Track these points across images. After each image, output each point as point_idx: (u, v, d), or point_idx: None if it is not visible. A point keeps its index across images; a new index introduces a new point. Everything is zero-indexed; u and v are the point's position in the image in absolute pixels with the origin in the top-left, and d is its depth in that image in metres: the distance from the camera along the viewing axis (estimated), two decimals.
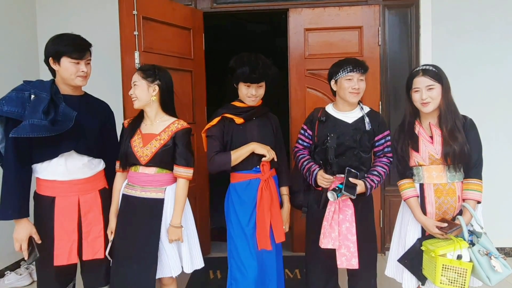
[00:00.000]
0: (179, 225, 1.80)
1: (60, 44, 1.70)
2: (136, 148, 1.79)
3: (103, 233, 1.82)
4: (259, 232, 1.90)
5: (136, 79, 1.81)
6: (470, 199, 1.73)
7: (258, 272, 1.90)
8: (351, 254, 1.82)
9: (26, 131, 1.55)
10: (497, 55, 3.11)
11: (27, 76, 1.75)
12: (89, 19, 3.17)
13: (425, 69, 1.79)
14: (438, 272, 1.63)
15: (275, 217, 1.93)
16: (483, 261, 1.63)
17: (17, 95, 1.65)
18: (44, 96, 1.63)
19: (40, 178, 1.74)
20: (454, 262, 1.63)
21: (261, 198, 1.90)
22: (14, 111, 1.62)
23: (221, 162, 1.89)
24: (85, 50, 1.74)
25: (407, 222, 1.89)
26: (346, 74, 1.87)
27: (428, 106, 1.76)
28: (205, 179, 3.22)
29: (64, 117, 1.64)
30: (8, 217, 1.64)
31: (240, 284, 1.90)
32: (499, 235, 3.08)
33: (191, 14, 3.05)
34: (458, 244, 1.64)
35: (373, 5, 3.10)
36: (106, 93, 2.14)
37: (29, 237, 1.69)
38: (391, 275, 1.96)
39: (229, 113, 1.95)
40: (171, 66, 2.81)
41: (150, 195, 1.80)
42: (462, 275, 1.62)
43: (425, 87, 1.75)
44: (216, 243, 3.40)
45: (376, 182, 1.86)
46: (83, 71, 1.72)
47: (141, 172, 1.81)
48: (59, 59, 1.70)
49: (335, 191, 1.76)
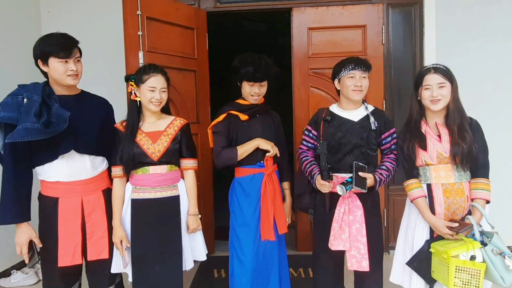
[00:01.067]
0: (197, 213, 1.89)
1: (46, 44, 1.66)
2: (146, 146, 1.79)
3: (107, 233, 1.81)
4: (263, 223, 1.98)
5: (166, 86, 1.82)
6: (480, 198, 1.71)
7: (258, 262, 1.97)
8: (362, 256, 1.81)
9: (20, 136, 1.54)
10: (502, 53, 3.09)
11: (34, 79, 1.75)
12: (94, 19, 3.18)
13: (436, 67, 1.79)
14: (452, 274, 1.56)
15: (278, 209, 2.02)
16: (497, 261, 1.58)
17: (12, 100, 1.63)
18: (36, 99, 1.61)
19: (43, 180, 1.75)
20: (468, 263, 1.57)
21: (265, 191, 1.98)
22: (10, 116, 1.60)
23: (228, 156, 1.97)
24: (71, 48, 1.69)
25: (414, 223, 1.85)
26: (348, 72, 1.88)
27: (438, 104, 1.75)
28: (209, 179, 3.23)
29: (58, 118, 1.62)
30: (6, 222, 1.65)
31: (237, 272, 1.97)
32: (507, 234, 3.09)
33: (194, 14, 3.06)
34: (471, 245, 1.58)
35: (377, 3, 3.09)
36: (111, 93, 2.15)
37: (30, 241, 1.70)
38: (396, 281, 1.90)
39: (234, 110, 2.02)
40: (174, 66, 2.84)
41: (166, 194, 1.82)
42: (475, 277, 1.56)
43: (436, 84, 1.74)
44: (220, 242, 3.41)
45: (385, 176, 1.85)
46: (72, 69, 1.68)
47: (152, 173, 1.80)
48: (47, 60, 1.66)
49: (344, 185, 1.75)
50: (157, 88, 1.78)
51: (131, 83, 1.81)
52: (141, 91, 1.79)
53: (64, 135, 1.63)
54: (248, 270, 1.95)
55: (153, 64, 1.86)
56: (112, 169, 1.82)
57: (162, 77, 1.80)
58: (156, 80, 1.78)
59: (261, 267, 1.98)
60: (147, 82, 1.77)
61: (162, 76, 1.80)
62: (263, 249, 1.99)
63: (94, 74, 1.94)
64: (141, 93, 1.79)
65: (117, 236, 1.79)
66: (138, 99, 1.81)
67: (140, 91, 1.79)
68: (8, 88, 1.71)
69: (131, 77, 1.83)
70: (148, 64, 1.87)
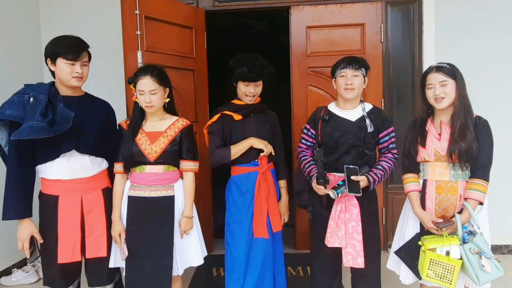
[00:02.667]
0: (192, 215, 1.89)
1: (57, 45, 1.72)
2: (144, 146, 1.81)
3: (105, 231, 1.83)
4: (256, 220, 2.00)
5: (155, 87, 1.77)
6: (472, 198, 1.72)
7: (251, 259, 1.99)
8: (357, 253, 1.84)
9: (26, 133, 1.58)
10: (501, 51, 3.08)
11: (32, 79, 1.78)
12: (92, 19, 3.19)
13: (438, 66, 1.81)
14: (426, 265, 1.67)
15: (272, 207, 2.04)
16: (473, 260, 1.64)
17: (18, 98, 1.69)
18: (42, 99, 1.66)
19: (44, 178, 1.78)
20: (442, 258, 1.65)
21: (259, 189, 2.01)
22: (16, 114, 1.65)
23: (221, 156, 2.00)
24: (80, 51, 1.74)
25: (408, 216, 1.91)
26: (340, 71, 1.91)
27: (442, 102, 1.76)
28: (208, 178, 3.24)
29: (62, 118, 1.67)
30: (10, 217, 1.69)
31: (230, 267, 2.02)
32: (506, 233, 3.09)
33: (193, 13, 3.06)
34: (448, 241, 1.66)
35: (375, 1, 3.08)
36: (110, 92, 2.17)
37: (32, 237, 1.74)
38: (391, 268, 1.99)
39: (228, 110, 2.05)
40: (173, 65, 2.84)
41: (160, 193, 1.84)
42: (450, 271, 1.64)
43: (438, 83, 1.76)
44: (219, 240, 3.41)
45: (380, 176, 1.86)
46: (77, 72, 1.73)
47: (148, 172, 1.82)
48: (55, 60, 1.72)
49: (335, 189, 1.78)
50: (145, 91, 1.76)
51: (132, 85, 1.85)
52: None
53: (66, 135, 1.67)
54: (241, 266, 1.98)
55: (146, 66, 1.85)
56: (115, 165, 1.86)
57: (150, 78, 1.77)
58: (143, 83, 1.77)
59: (255, 264, 2.00)
60: (137, 85, 1.79)
61: (150, 78, 1.77)
62: (257, 247, 2.01)
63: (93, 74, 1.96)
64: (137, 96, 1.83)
65: (116, 229, 1.82)
66: (137, 100, 1.84)
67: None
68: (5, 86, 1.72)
69: (129, 80, 1.87)
70: (143, 65, 1.87)
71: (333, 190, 1.78)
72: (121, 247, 1.81)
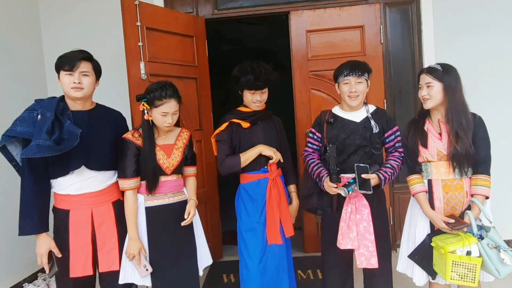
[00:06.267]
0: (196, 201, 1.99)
1: (58, 59, 1.75)
2: (162, 161, 1.85)
3: (117, 245, 1.83)
4: (269, 227, 2.01)
5: (178, 108, 1.83)
6: (479, 194, 1.75)
7: (266, 266, 1.99)
8: (370, 254, 1.84)
9: (33, 152, 1.59)
10: (500, 50, 3.09)
11: (35, 93, 1.79)
12: (94, 30, 3.21)
13: (429, 67, 1.85)
14: (448, 269, 1.67)
15: (283, 213, 2.05)
16: (492, 254, 1.65)
17: (28, 115, 1.70)
18: (48, 116, 1.66)
19: (56, 193, 1.80)
20: (464, 258, 1.66)
21: (270, 196, 2.02)
22: (26, 131, 1.66)
23: (231, 164, 2.01)
24: (76, 61, 1.71)
25: (416, 217, 1.91)
26: (343, 78, 1.92)
27: (426, 103, 1.83)
28: (214, 185, 3.24)
29: (69, 136, 1.66)
30: (26, 233, 1.70)
31: (245, 277, 2.01)
32: (507, 228, 3.09)
33: (193, 22, 3.08)
34: (467, 240, 1.67)
35: (374, 3, 3.10)
36: (114, 102, 2.16)
37: (50, 251, 1.74)
38: (402, 270, 1.99)
39: (236, 118, 2.06)
40: (176, 74, 2.86)
41: (178, 199, 1.92)
42: (472, 270, 1.65)
43: (424, 84, 1.82)
44: (228, 246, 3.43)
45: (390, 174, 1.87)
46: (74, 82, 1.71)
47: (163, 180, 1.87)
48: (59, 74, 1.75)
49: (345, 186, 1.79)
50: (169, 113, 1.80)
51: (144, 103, 1.81)
52: (153, 113, 1.81)
53: (75, 152, 1.67)
54: (255, 275, 1.97)
55: (166, 86, 1.80)
56: (124, 181, 1.80)
57: (174, 101, 1.80)
58: (168, 106, 1.79)
59: (271, 272, 1.99)
60: (160, 107, 1.78)
61: (174, 100, 1.80)
62: (271, 253, 2.01)
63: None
64: (154, 115, 1.81)
65: (135, 247, 1.78)
66: (151, 118, 1.82)
67: (153, 113, 1.81)
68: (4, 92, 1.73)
69: (142, 98, 1.82)
70: (161, 85, 1.80)
71: (343, 188, 1.78)
72: (140, 265, 1.79)
